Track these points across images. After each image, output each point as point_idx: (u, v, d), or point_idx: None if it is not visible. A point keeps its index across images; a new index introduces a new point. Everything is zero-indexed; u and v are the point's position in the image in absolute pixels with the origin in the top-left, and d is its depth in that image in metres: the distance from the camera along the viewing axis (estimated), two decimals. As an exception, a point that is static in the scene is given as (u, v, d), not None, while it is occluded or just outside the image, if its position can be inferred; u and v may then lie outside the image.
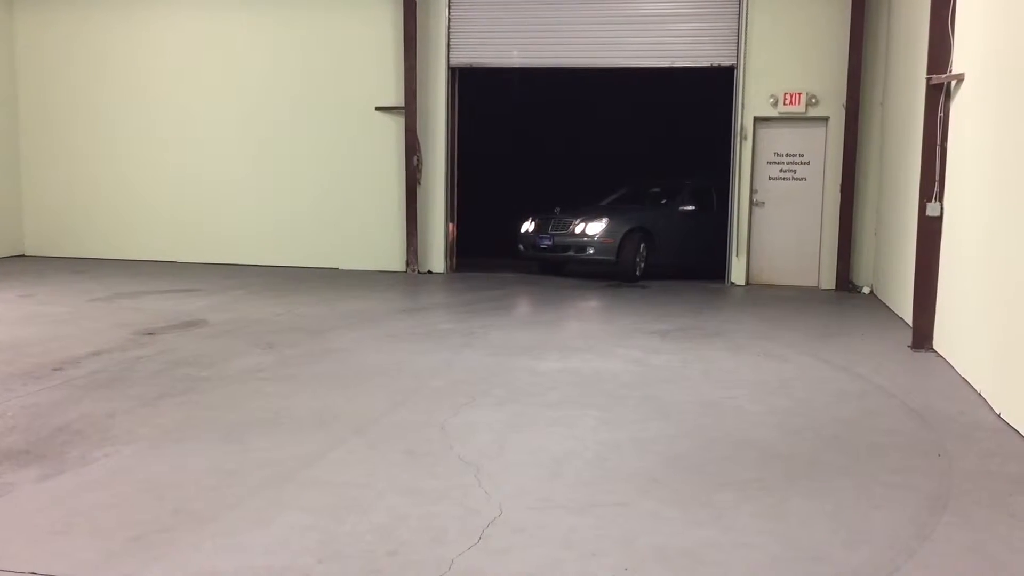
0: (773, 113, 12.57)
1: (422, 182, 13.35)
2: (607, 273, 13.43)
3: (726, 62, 12.64)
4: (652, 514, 4.37)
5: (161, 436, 5.41)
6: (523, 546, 3.97)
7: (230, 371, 7.02)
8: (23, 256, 14.34)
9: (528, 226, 13.65)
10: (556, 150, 18.52)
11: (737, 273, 12.90)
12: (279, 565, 3.72)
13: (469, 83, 13.90)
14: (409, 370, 7.23)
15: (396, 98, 13.25)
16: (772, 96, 12.47)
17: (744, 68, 12.54)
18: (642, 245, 12.99)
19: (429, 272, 13.54)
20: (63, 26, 14.19)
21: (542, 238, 13.13)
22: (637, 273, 12.90)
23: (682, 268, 14.02)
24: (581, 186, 18.39)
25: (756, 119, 12.66)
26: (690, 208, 13.76)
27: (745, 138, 12.62)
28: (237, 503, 4.39)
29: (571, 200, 14.45)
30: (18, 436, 5.29)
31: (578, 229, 12.91)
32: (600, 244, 12.75)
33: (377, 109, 13.32)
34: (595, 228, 12.86)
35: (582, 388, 6.76)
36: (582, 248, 12.86)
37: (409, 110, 13.07)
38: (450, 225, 13.66)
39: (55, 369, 6.91)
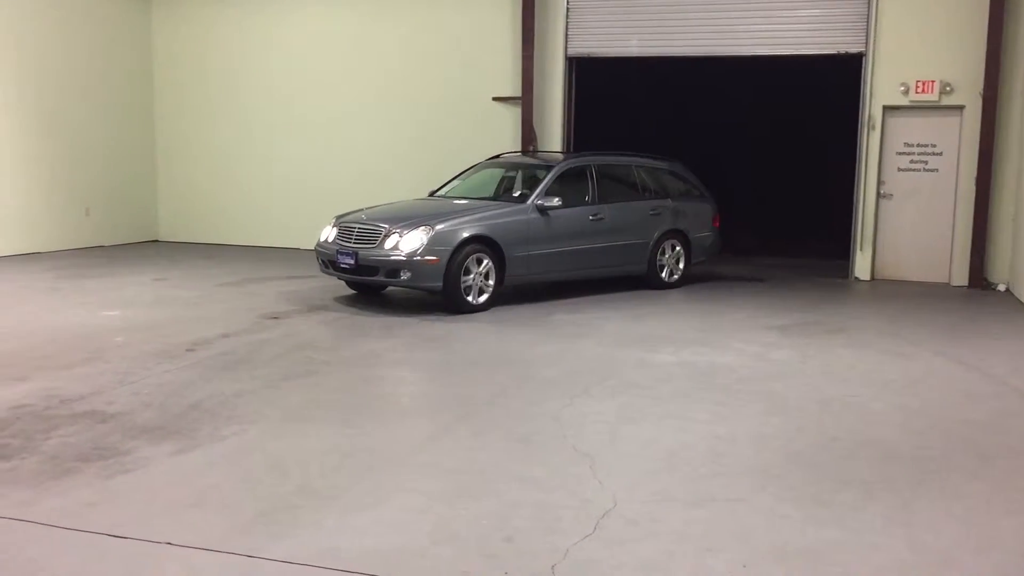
0: (903, 102, 12.05)
1: (538, 172, 13.38)
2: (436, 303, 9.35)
3: (854, 49, 12.18)
4: (770, 511, 4.28)
5: (284, 416, 5.60)
6: (637, 538, 3.95)
7: (349, 355, 7.20)
8: (157, 241, 15.04)
9: (328, 233, 9.65)
10: (672, 139, 18.25)
11: (861, 267, 12.44)
12: (396, 545, 3.81)
13: (587, 73, 13.83)
14: (522, 359, 7.26)
15: (513, 88, 13.30)
16: (903, 84, 11.96)
17: (873, 55, 12.07)
18: (484, 262, 9.14)
19: (543, 262, 13.55)
20: (197, 22, 14.79)
21: (343, 254, 9.10)
22: (474, 302, 9.05)
23: (576, 284, 10.50)
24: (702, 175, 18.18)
25: (885, 108, 12.17)
26: (554, 203, 9.63)
27: (873, 128, 12.15)
28: (355, 484, 4.51)
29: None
30: (153, 413, 5.56)
31: (389, 243, 8.88)
32: (419, 265, 8.75)
33: (494, 99, 13.40)
34: (411, 242, 8.80)
35: (696, 381, 6.66)
36: (394, 271, 8.85)
37: (526, 100, 13.09)
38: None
39: (187, 350, 7.22)
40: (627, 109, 17.94)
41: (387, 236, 8.95)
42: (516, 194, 10.21)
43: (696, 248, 11.25)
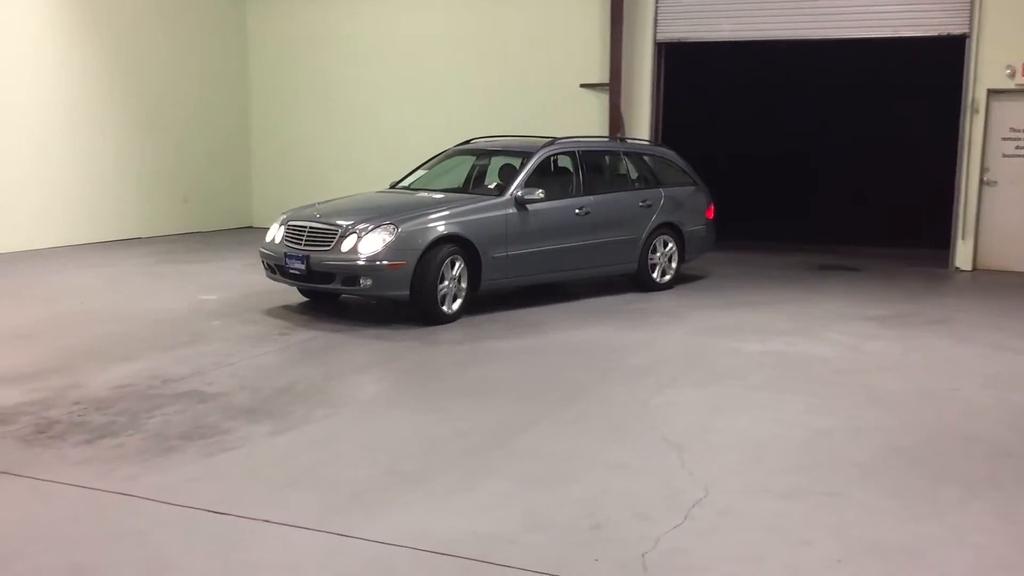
0: (1010, 85, 11.56)
1: (625, 159, 13.28)
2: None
3: (957, 30, 11.72)
4: (867, 505, 4.17)
5: (374, 401, 5.69)
6: (729, 529, 3.90)
7: (434, 340, 7.27)
8: (251, 227, 15.42)
9: (274, 233, 8.35)
10: (764, 126, 17.87)
11: (962, 257, 11.99)
12: (486, 530, 3.83)
13: (676, 58, 13.64)
14: (610, 347, 7.23)
15: (601, 75, 13.20)
16: (1009, 67, 11.45)
17: (977, 36, 11.59)
18: (457, 265, 7.90)
19: (630, 250, 13.44)
20: (289, 18, 15.07)
21: (292, 258, 7.85)
22: (448, 310, 7.83)
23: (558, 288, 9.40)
24: (788, 166, 17.77)
25: (990, 92, 11.68)
26: (536, 196, 8.42)
27: (976, 112, 11.68)
28: (446, 468, 4.55)
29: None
30: (249, 394, 5.71)
31: (346, 245, 7.63)
32: (382, 271, 7.53)
33: (582, 86, 13.33)
34: (371, 244, 7.57)
35: (789, 371, 6.52)
36: (352, 278, 7.62)
37: (614, 87, 12.99)
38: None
39: (280, 334, 7.40)
40: (714, 96, 17.63)
41: (343, 237, 7.64)
42: (491, 186, 8.99)
43: (690, 243, 10.02)
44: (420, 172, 9.68)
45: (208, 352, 6.73)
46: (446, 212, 8.03)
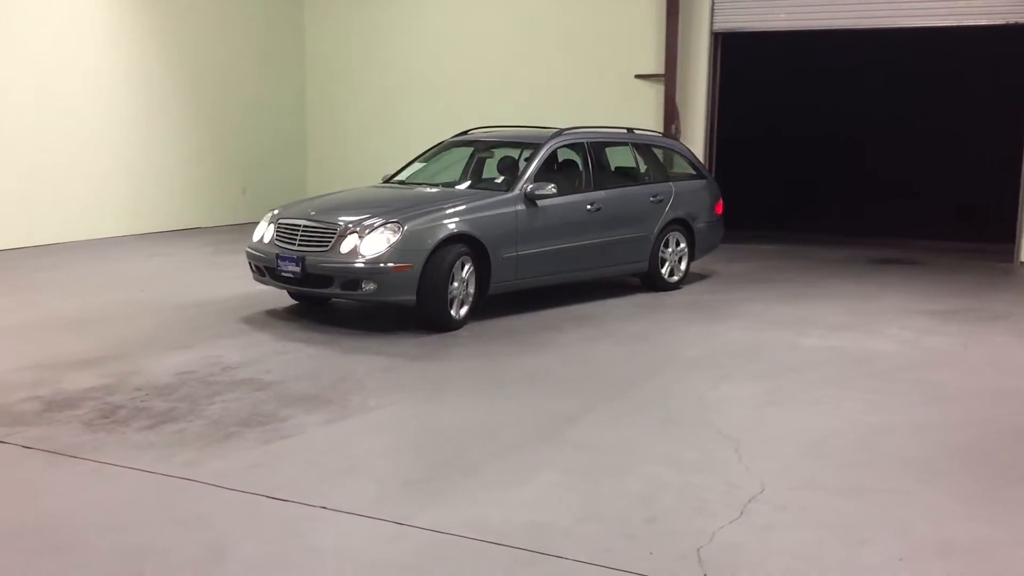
0: (1079, 74, 11.24)
1: (679, 151, 13.16)
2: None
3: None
4: (930, 504, 4.09)
5: (431, 390, 5.72)
6: (787, 525, 3.85)
7: (490, 331, 7.28)
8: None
9: (263, 232, 7.71)
10: (822, 118, 17.57)
11: (1028, 251, 11.68)
12: (541, 520, 3.83)
13: (731, 48, 13.47)
14: (665, 339, 7.18)
15: (656, 65, 13.09)
16: (1078, 55, 11.15)
17: (1045, 24, 11.27)
18: (466, 267, 7.31)
19: (684, 242, 13.33)
20: (346, 12, 15.18)
21: (285, 260, 7.24)
22: (457, 316, 7.25)
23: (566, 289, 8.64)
24: (844, 157, 17.46)
25: (1058, 81, 11.38)
26: (548, 191, 7.85)
27: (1043, 102, 11.38)
28: (500, 458, 4.56)
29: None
30: (306, 382, 5.78)
31: (346, 246, 7.02)
32: (386, 274, 6.93)
33: (637, 77, 13.24)
34: (374, 244, 6.98)
35: (848, 367, 6.42)
36: (353, 282, 6.99)
37: (669, 78, 12.88)
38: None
39: (335, 324, 7.47)
40: (769, 87, 17.36)
41: (343, 237, 7.04)
42: (498, 180, 8.39)
43: (700, 240, 9.53)
44: (415, 165, 9.12)
45: (264, 340, 6.83)
46: (454, 209, 7.42)
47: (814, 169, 17.48)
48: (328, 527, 3.75)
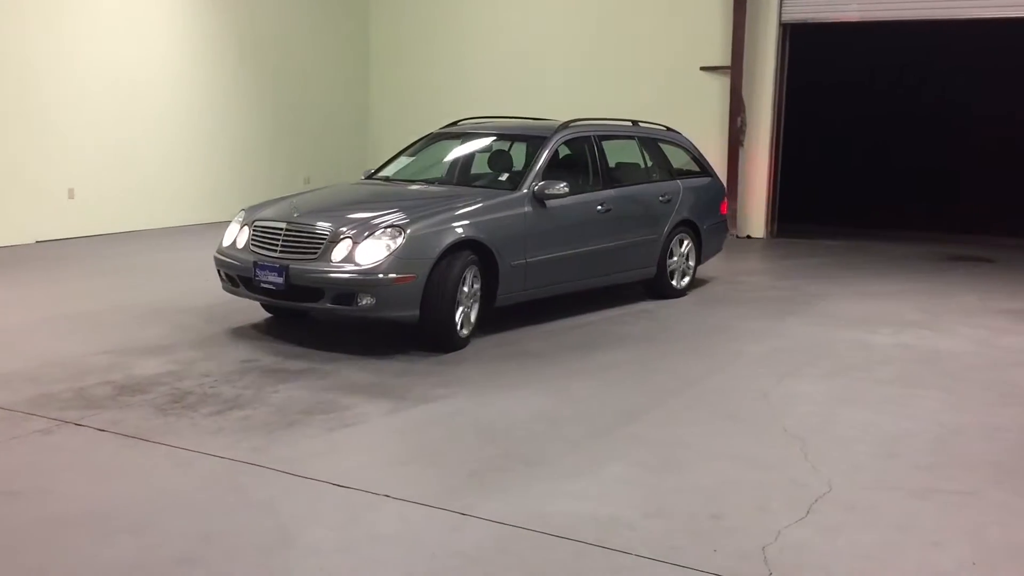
0: None
1: (745, 144, 12.97)
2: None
3: (1110, 7, 11.00)
4: (1005, 506, 3.98)
5: (492, 382, 5.72)
6: (855, 526, 3.77)
7: (556, 326, 7.26)
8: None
9: (235, 236, 6.77)
10: (895, 111, 17.16)
11: (1108, 249, 11.29)
12: (605, 514, 3.81)
13: (801, 40, 13.22)
14: (729, 335, 7.09)
15: (722, 57, 12.92)
16: None
17: None
18: (469, 277, 6.44)
19: (748, 237, 13.16)
20: (411, 7, 15.28)
21: (264, 269, 6.29)
22: (463, 332, 6.43)
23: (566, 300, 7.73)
24: (919, 153, 17.02)
25: None
26: (559, 190, 7.02)
27: None
28: (563, 451, 4.55)
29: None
30: (367, 372, 5.83)
31: (338, 253, 6.12)
32: (387, 286, 6.03)
33: (702, 69, 13.08)
34: (372, 251, 6.08)
35: (919, 365, 6.27)
36: (347, 296, 6.07)
37: (735, 70, 12.70)
38: (773, 189, 13.14)
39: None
40: (839, 81, 17.00)
41: (334, 243, 6.13)
42: (503, 177, 7.48)
43: (707, 243, 8.81)
44: (401, 159, 8.18)
45: (327, 330, 6.90)
46: (457, 211, 6.51)
47: (884, 164, 17.09)
48: (391, 515, 3.78)
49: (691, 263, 8.64)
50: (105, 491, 3.98)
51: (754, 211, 13.20)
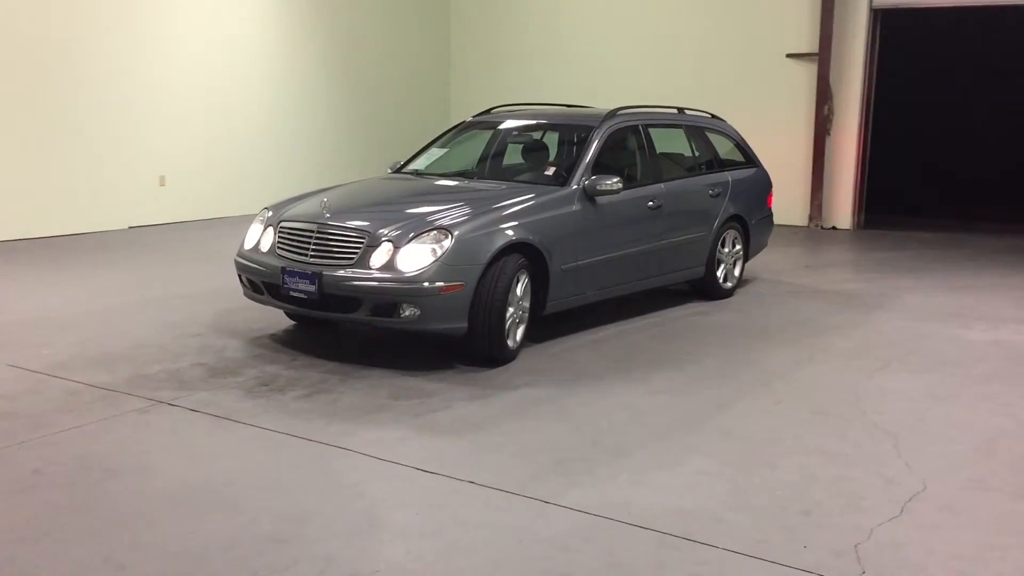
0: None
1: (832, 133, 12.66)
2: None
3: None
4: (1112, 513, 3.81)
5: (575, 372, 5.71)
6: (952, 526, 3.66)
7: (635, 320, 7.21)
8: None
9: (257, 236, 6.24)
10: (987, 101, 16.56)
11: None
12: (690, 507, 3.78)
13: (887, 24, 12.84)
14: (814, 328, 6.94)
15: (809, 44, 12.62)
16: None
17: None
18: (521, 284, 5.88)
19: (833, 228, 12.85)
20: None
21: (295, 276, 5.69)
22: (511, 344, 5.82)
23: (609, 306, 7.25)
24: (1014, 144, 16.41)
25: None
26: (611, 185, 6.39)
27: None
28: (647, 442, 4.52)
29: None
30: (451, 360, 5.86)
31: (378, 259, 5.53)
32: (433, 296, 5.43)
33: (788, 56, 12.80)
34: (416, 257, 5.50)
35: (1017, 362, 6.05)
36: (388, 307, 5.47)
37: (823, 56, 12.39)
38: (861, 179, 12.80)
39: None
40: (932, 67, 16.48)
41: (373, 247, 5.56)
42: (548, 171, 6.84)
43: (754, 239, 8.30)
44: (432, 151, 7.58)
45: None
46: (506, 210, 5.92)
47: (977, 156, 16.53)
48: (477, 502, 3.80)
49: (739, 261, 8.15)
50: (199, 470, 4.09)
51: (840, 202, 12.89)
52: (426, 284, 5.40)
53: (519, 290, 5.84)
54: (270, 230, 6.10)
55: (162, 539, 3.44)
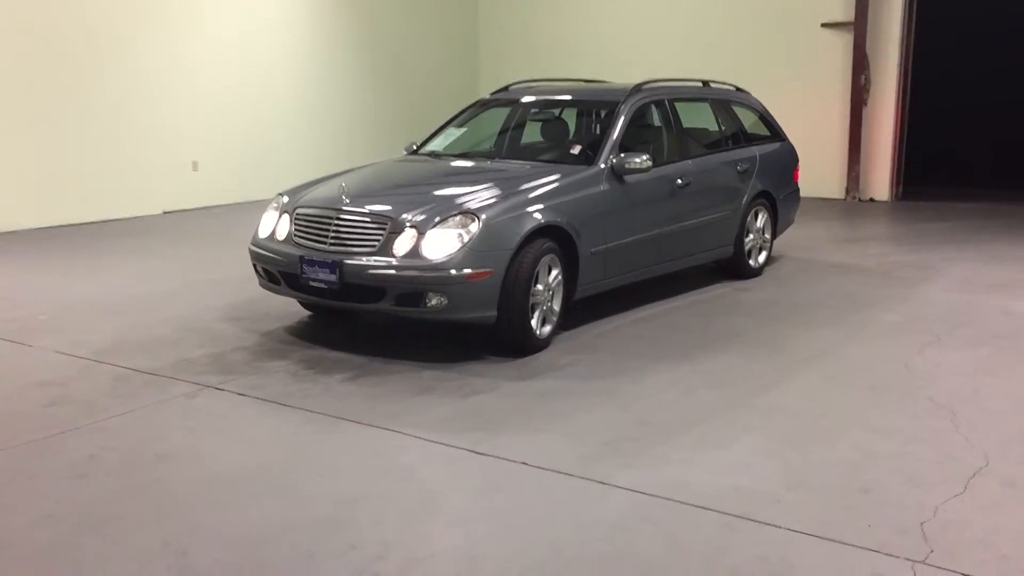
0: None
1: (868, 103, 12.45)
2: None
3: None
4: None
5: (620, 352, 5.65)
6: (1017, 503, 3.58)
7: (681, 299, 7.13)
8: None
9: (272, 223, 5.99)
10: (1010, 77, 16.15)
11: None
12: (747, 486, 3.72)
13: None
14: (858, 303, 6.83)
15: (845, 13, 12.39)
16: None
17: None
18: (554, 271, 5.67)
19: (871, 200, 12.66)
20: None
21: (314, 265, 5.43)
22: (540, 334, 5.58)
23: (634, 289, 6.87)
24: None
25: None
26: (639, 163, 6.12)
27: None
28: (698, 421, 4.46)
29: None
30: (493, 339, 5.82)
31: (401, 246, 5.28)
32: (461, 284, 5.19)
33: (823, 25, 12.57)
34: (443, 243, 5.25)
35: (1071, 335, 5.93)
36: (414, 296, 5.22)
37: (859, 26, 12.16)
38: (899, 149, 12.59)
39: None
40: (971, 36, 16.10)
41: (396, 233, 5.30)
42: (574, 150, 6.52)
43: (782, 216, 8.04)
44: (450, 131, 7.28)
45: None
46: (533, 192, 5.66)
47: (1016, 123, 16.17)
48: (531, 484, 3.77)
49: (767, 238, 7.87)
50: (250, 454, 4.08)
51: (878, 173, 12.69)
52: (453, 272, 5.14)
53: (549, 277, 5.61)
54: (286, 217, 5.85)
55: (219, 524, 3.44)
